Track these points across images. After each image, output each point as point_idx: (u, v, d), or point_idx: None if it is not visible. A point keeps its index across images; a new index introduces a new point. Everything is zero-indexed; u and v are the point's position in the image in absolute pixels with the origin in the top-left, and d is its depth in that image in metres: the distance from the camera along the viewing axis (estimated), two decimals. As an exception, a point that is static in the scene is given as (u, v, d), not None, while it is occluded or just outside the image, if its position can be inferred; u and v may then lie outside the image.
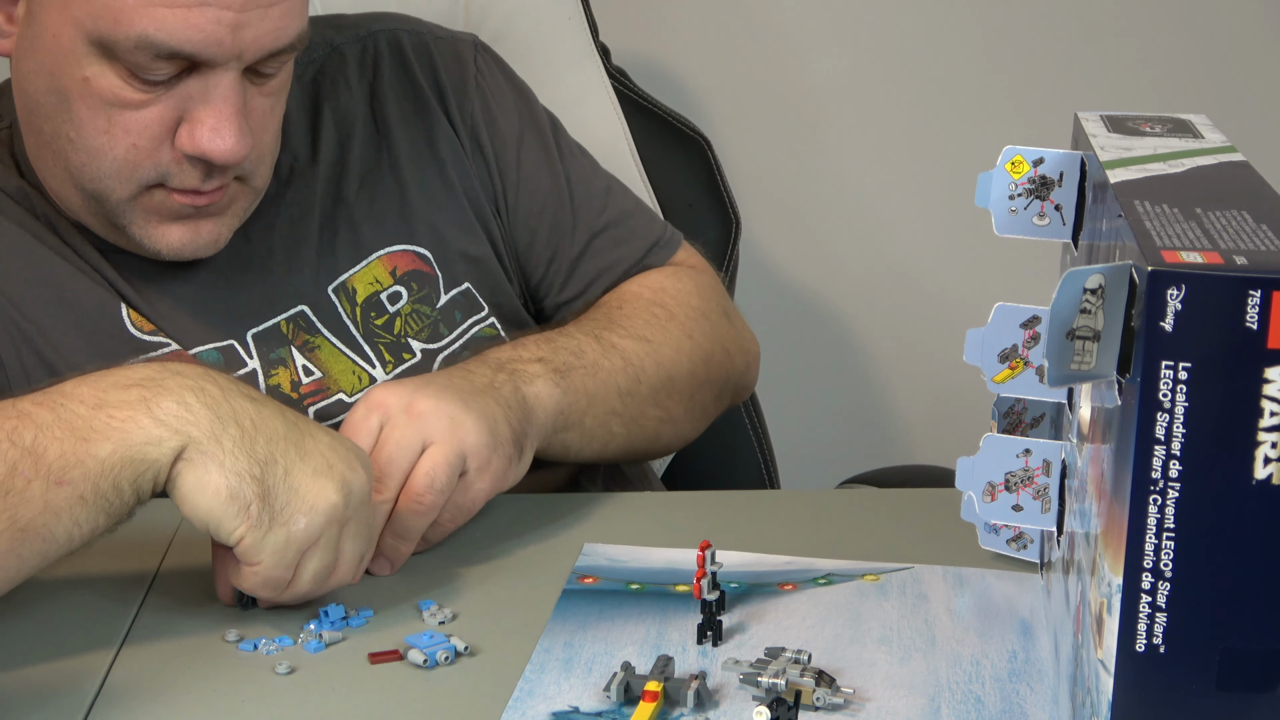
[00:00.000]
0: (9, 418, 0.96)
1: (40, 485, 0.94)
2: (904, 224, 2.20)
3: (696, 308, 1.39)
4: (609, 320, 1.33)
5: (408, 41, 1.40)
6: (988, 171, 1.04)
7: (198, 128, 1.16)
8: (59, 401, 0.97)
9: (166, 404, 0.97)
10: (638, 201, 1.47)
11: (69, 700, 0.97)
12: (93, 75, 1.15)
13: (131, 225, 1.22)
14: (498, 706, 0.95)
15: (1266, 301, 0.71)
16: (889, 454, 2.19)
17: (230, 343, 1.27)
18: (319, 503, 0.99)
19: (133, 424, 0.96)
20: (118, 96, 1.16)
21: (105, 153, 1.18)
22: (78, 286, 1.23)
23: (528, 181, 1.40)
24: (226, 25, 1.13)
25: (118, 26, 1.12)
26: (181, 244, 1.22)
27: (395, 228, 1.34)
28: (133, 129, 1.17)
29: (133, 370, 0.99)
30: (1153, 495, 0.74)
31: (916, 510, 1.23)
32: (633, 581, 1.12)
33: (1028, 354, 1.01)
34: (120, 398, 0.97)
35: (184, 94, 1.16)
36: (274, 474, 0.98)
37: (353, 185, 1.34)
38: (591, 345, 1.28)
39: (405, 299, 1.33)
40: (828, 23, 2.13)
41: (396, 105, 1.37)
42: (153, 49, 1.13)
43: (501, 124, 1.40)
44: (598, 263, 1.42)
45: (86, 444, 0.95)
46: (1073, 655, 0.89)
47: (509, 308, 1.38)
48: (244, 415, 0.99)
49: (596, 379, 1.26)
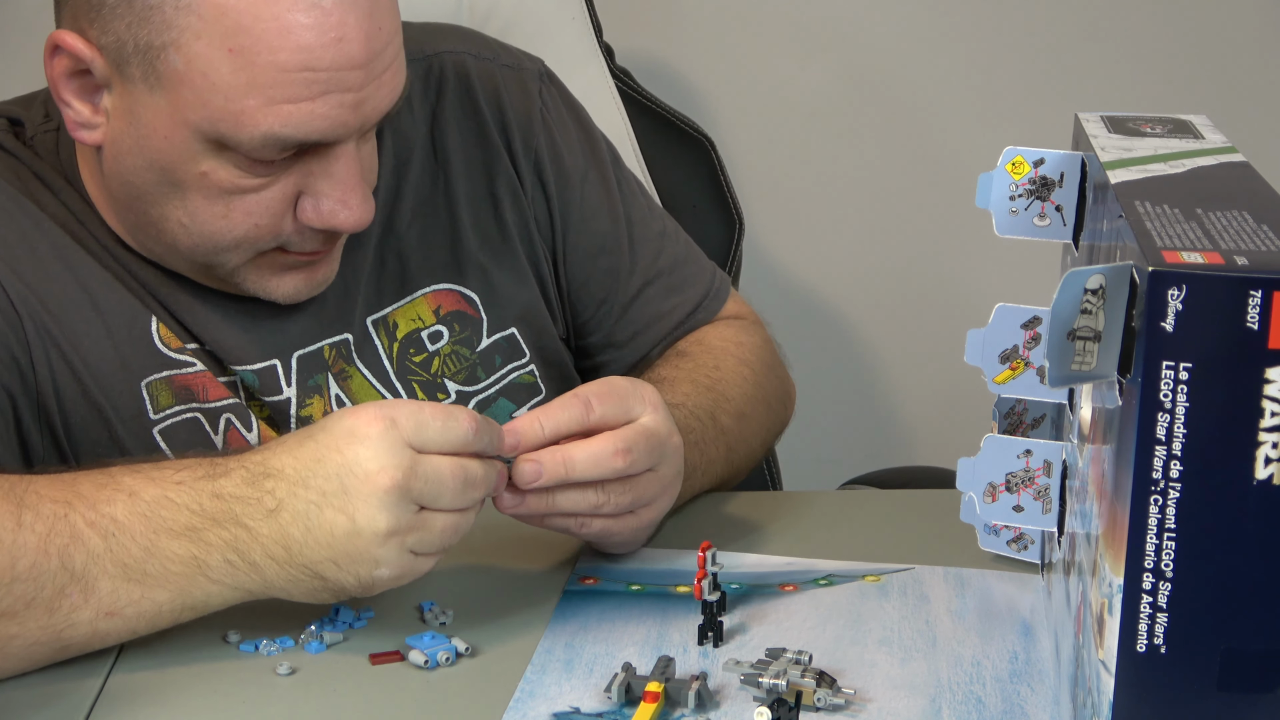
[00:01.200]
0: (60, 534, 0.97)
1: (89, 614, 0.98)
2: (905, 225, 2.20)
3: (769, 364, 1.40)
4: (716, 394, 1.30)
5: (474, 68, 1.36)
6: (988, 172, 1.04)
7: (323, 201, 1.15)
8: (110, 530, 0.98)
9: (215, 563, 0.99)
10: (689, 244, 1.45)
11: (70, 700, 0.97)
12: (210, 169, 1.12)
13: (245, 281, 1.20)
14: (499, 707, 0.95)
15: (1267, 302, 0.71)
16: (891, 455, 2.19)
17: (272, 363, 1.25)
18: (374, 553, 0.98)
19: (189, 581, 0.99)
20: (237, 185, 1.13)
21: (225, 234, 1.16)
22: (111, 295, 1.21)
23: (589, 221, 1.38)
24: (349, 106, 1.11)
25: (240, 129, 1.10)
26: (297, 291, 1.22)
27: (444, 266, 1.32)
28: (254, 211, 1.15)
29: (177, 510, 0.99)
30: (1154, 495, 0.74)
31: (917, 511, 1.23)
32: (634, 582, 1.12)
33: (1029, 354, 1.01)
34: (171, 549, 0.99)
35: (304, 171, 1.14)
36: (328, 571, 0.99)
37: (405, 215, 1.31)
38: (709, 429, 1.26)
39: (446, 339, 1.31)
40: (829, 23, 2.13)
41: (458, 135, 1.34)
42: (280, 144, 1.11)
43: (566, 162, 1.37)
44: (650, 310, 1.40)
45: (141, 587, 0.99)
46: (1074, 656, 0.89)
47: (552, 353, 1.37)
48: (272, 544, 0.99)
49: (709, 458, 1.26)
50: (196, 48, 1.08)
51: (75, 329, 1.20)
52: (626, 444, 1.05)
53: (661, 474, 1.09)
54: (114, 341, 1.21)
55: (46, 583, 0.96)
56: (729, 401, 1.30)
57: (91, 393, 1.19)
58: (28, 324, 1.18)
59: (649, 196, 1.45)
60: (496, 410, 1.32)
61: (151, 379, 1.21)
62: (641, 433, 1.07)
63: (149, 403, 1.21)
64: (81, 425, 1.20)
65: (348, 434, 0.98)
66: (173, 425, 1.21)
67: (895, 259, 2.21)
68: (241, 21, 1.07)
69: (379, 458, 0.97)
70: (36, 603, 0.96)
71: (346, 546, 0.98)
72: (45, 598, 0.96)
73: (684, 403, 1.25)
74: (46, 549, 0.96)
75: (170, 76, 1.09)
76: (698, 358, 1.35)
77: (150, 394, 1.21)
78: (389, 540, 0.98)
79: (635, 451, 1.06)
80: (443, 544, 1.00)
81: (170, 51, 1.09)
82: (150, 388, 1.21)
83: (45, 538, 0.96)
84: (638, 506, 1.09)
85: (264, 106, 1.09)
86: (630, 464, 1.06)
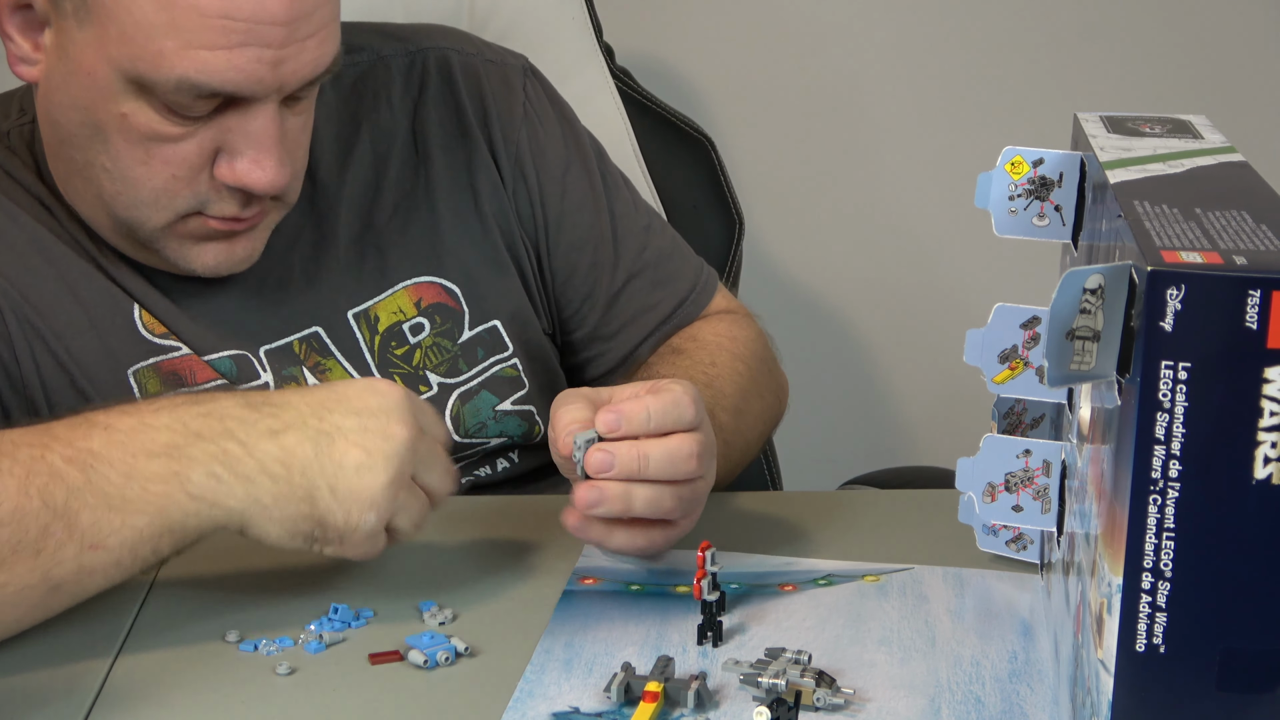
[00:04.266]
0: (39, 474, 0.97)
1: (74, 549, 0.97)
2: (905, 225, 2.20)
3: (763, 358, 1.40)
4: (714, 391, 1.30)
5: (456, 62, 1.37)
6: (987, 172, 1.04)
7: (238, 160, 1.15)
8: (89, 463, 0.98)
9: (197, 477, 0.99)
10: (674, 238, 1.46)
11: (70, 701, 0.97)
12: (130, 111, 1.14)
13: (166, 248, 1.21)
14: (498, 707, 0.95)
15: (1266, 301, 0.71)
16: (890, 455, 2.19)
17: (245, 353, 1.26)
18: (374, 493, 1.00)
19: (168, 500, 0.99)
20: (156, 131, 1.14)
21: (143, 183, 1.17)
22: (93, 286, 1.23)
23: (571, 215, 1.38)
24: (267, 63, 1.12)
25: (157, 69, 1.11)
26: (217, 263, 1.22)
27: (425, 259, 1.33)
28: (171, 161, 1.16)
29: (156, 432, 0.99)
30: (1153, 495, 0.74)
31: (917, 511, 1.23)
32: (633, 582, 1.12)
33: (1028, 354, 1.01)
34: (150, 469, 0.98)
35: (222, 126, 1.15)
36: (322, 498, 1.00)
37: (385, 210, 1.32)
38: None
39: (427, 331, 1.32)
40: (830, 24, 2.13)
41: (439, 129, 1.35)
42: (194, 90, 1.12)
43: (549, 155, 1.38)
44: (635, 304, 1.40)
45: (121, 514, 0.98)
46: (1073, 655, 0.89)
47: (536, 347, 1.37)
48: (270, 459, 1.00)
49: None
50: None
51: (59, 321, 1.21)
52: (702, 448, 1.07)
53: (709, 483, 1.11)
54: (98, 331, 1.22)
55: (30, 524, 0.96)
56: (725, 398, 1.31)
57: (79, 383, 1.21)
58: (9, 317, 1.20)
59: (634, 191, 1.45)
60: (479, 403, 1.33)
61: (138, 367, 1.23)
62: (708, 442, 1.09)
63: (138, 391, 1.22)
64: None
65: (368, 387, 1.03)
66: None
67: (895, 259, 2.21)
68: None
69: (398, 410, 1.01)
70: (22, 546, 0.96)
71: (353, 480, 0.99)
72: (30, 540, 0.96)
73: None
74: (26, 490, 0.96)
75: (98, 11, 1.11)
76: (694, 355, 1.36)
77: (138, 382, 1.22)
78: (389, 488, 1.00)
79: (706, 457, 1.08)
80: (418, 519, 1.03)
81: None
82: (138, 376, 1.23)
83: (24, 480, 0.96)
84: (691, 510, 1.11)
85: (181, 50, 1.10)
86: (702, 469, 1.08)
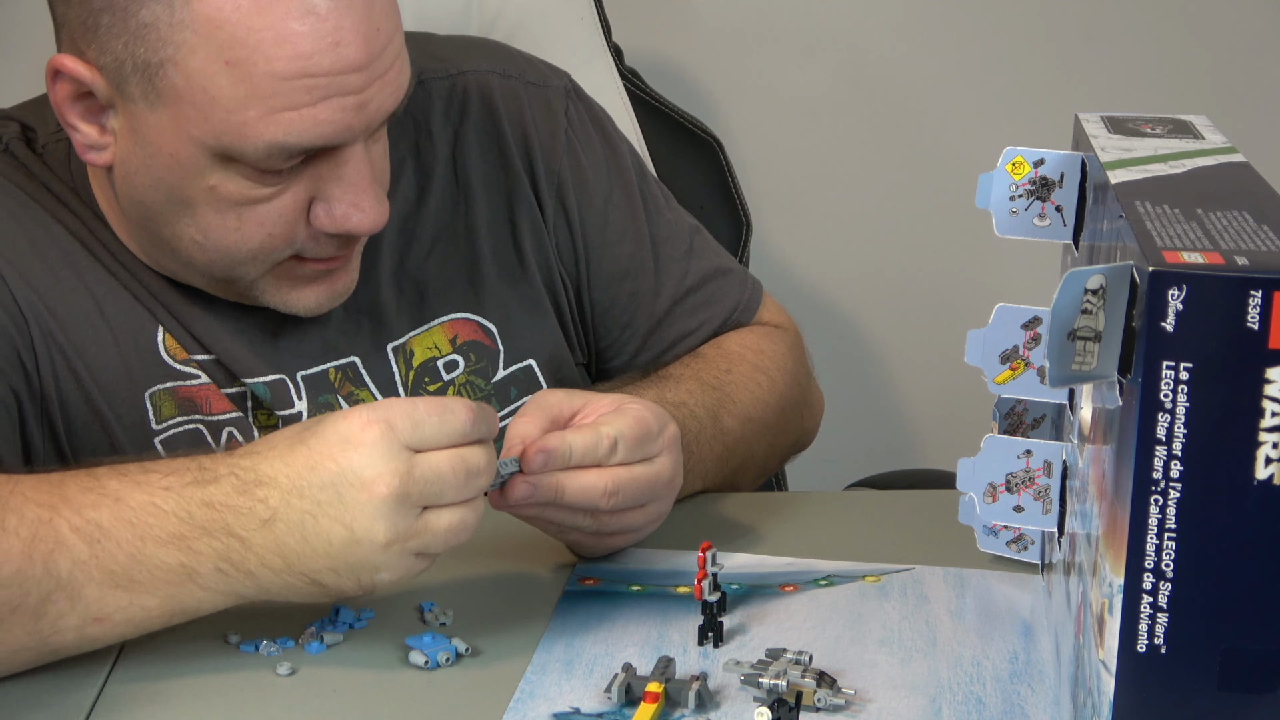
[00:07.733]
0: (44, 539, 0.96)
1: (76, 619, 0.97)
2: (907, 225, 2.20)
3: (789, 372, 1.38)
4: (721, 394, 1.30)
5: (498, 87, 1.34)
6: (988, 172, 1.04)
7: (336, 205, 1.14)
8: (96, 537, 0.96)
9: (206, 571, 0.97)
10: (717, 253, 1.43)
11: (69, 701, 0.97)
12: (218, 182, 1.12)
13: (264, 295, 1.19)
14: (499, 708, 0.95)
15: (1267, 302, 0.71)
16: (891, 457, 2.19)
17: (281, 377, 1.24)
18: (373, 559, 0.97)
19: (180, 589, 0.98)
20: (247, 196, 1.12)
21: (238, 247, 1.15)
22: (119, 304, 1.21)
23: (612, 246, 1.36)
24: (352, 109, 1.10)
25: (244, 140, 1.09)
26: (319, 303, 1.21)
27: (463, 295, 1.31)
28: (266, 220, 1.14)
29: (164, 518, 0.97)
30: (1154, 495, 0.74)
31: (917, 512, 1.23)
32: (634, 583, 1.12)
33: (1029, 355, 1.01)
34: (159, 557, 0.97)
35: (314, 175, 1.13)
36: (327, 579, 0.98)
37: (424, 243, 1.30)
38: (707, 428, 1.26)
39: (461, 369, 1.30)
40: (835, 25, 2.13)
41: (480, 160, 1.32)
42: (285, 153, 1.10)
43: (590, 184, 1.35)
44: (678, 329, 1.38)
45: (129, 593, 0.97)
46: (1074, 656, 0.89)
47: (570, 383, 1.34)
48: (268, 553, 0.97)
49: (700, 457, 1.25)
50: (194, 63, 1.07)
51: (81, 335, 1.19)
52: (617, 487, 1.07)
53: (648, 510, 1.11)
54: (120, 350, 1.20)
55: (31, 589, 0.95)
56: (735, 404, 1.30)
57: (94, 399, 1.19)
58: (34, 328, 1.18)
59: (677, 210, 1.42)
60: None
61: (155, 389, 1.21)
62: (634, 479, 1.08)
63: (151, 413, 1.21)
64: (83, 430, 1.19)
65: (341, 440, 0.96)
66: (173, 436, 1.21)
67: (897, 260, 2.21)
68: (236, 34, 1.07)
69: (375, 464, 0.95)
70: (22, 609, 0.95)
71: (345, 556, 0.96)
72: (30, 604, 0.95)
73: (686, 401, 1.25)
74: (31, 555, 0.95)
75: (170, 93, 1.09)
76: (710, 359, 1.35)
77: (153, 404, 1.21)
78: (389, 548, 0.96)
79: (622, 495, 1.07)
80: (447, 543, 0.98)
81: (168, 68, 1.08)
82: (154, 398, 1.21)
83: (29, 543, 0.95)
84: (618, 532, 1.11)
85: (265, 116, 1.08)
86: (614, 505, 1.07)
